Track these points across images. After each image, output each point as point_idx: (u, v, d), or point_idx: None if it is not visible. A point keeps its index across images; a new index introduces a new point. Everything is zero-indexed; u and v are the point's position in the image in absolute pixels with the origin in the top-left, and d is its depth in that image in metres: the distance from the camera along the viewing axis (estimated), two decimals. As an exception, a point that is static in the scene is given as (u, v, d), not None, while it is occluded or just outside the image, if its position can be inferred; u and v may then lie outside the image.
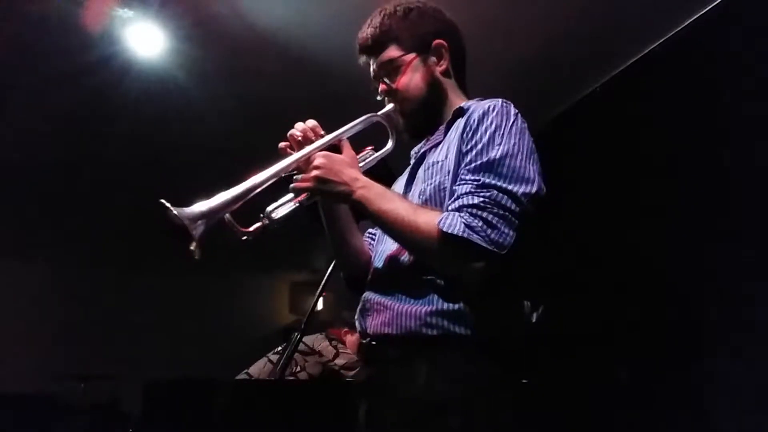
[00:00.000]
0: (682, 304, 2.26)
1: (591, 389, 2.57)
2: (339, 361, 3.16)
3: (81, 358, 5.32)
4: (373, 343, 1.11)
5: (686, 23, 2.47)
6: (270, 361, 3.20)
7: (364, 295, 1.17)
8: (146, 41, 2.69)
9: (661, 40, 2.59)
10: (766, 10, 2.05)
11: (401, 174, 1.34)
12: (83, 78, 2.93)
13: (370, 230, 1.36)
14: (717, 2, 2.33)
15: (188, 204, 1.00)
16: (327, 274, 2.67)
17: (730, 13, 2.26)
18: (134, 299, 6.14)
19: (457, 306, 1.01)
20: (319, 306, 3.57)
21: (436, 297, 1.03)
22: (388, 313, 1.07)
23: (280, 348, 3.31)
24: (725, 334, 2.06)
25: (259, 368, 3.17)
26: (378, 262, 1.20)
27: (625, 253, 2.56)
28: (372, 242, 1.33)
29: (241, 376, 3.18)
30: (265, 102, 3.32)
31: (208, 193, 1.03)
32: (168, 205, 0.97)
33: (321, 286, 2.74)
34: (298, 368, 3.15)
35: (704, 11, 2.38)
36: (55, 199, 4.71)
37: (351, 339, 3.41)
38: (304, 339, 3.27)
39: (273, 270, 6.90)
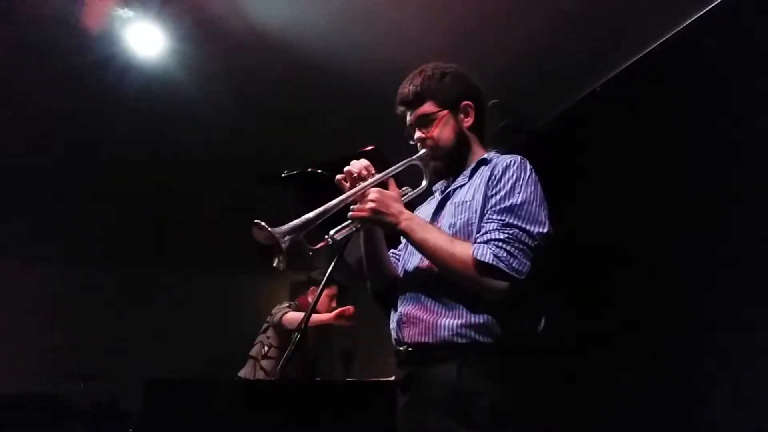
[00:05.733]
0: (683, 304, 2.26)
1: (593, 390, 2.58)
2: (279, 319, 3.19)
3: (81, 358, 5.32)
4: (410, 349, 1.35)
5: (686, 23, 2.47)
6: (252, 357, 3.24)
7: (400, 310, 1.40)
8: (146, 41, 2.70)
9: (661, 40, 2.60)
10: (766, 10, 2.05)
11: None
12: (83, 78, 2.94)
13: (393, 251, 1.59)
14: (717, 2, 2.33)
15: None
16: (327, 274, 2.67)
17: (730, 13, 2.26)
18: (135, 299, 6.15)
19: (482, 319, 1.26)
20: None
21: (465, 311, 1.27)
22: (423, 325, 1.32)
23: (256, 342, 3.34)
24: (726, 335, 2.06)
25: (246, 372, 3.21)
26: (408, 280, 1.44)
27: (624, 253, 2.55)
28: (397, 261, 1.56)
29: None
30: (265, 102, 3.32)
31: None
32: (263, 223, 1.21)
33: (321, 286, 2.74)
34: (266, 348, 3.19)
35: (704, 11, 2.38)
36: (55, 199, 4.71)
37: (313, 295, 3.35)
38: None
39: (273, 270, 6.89)
